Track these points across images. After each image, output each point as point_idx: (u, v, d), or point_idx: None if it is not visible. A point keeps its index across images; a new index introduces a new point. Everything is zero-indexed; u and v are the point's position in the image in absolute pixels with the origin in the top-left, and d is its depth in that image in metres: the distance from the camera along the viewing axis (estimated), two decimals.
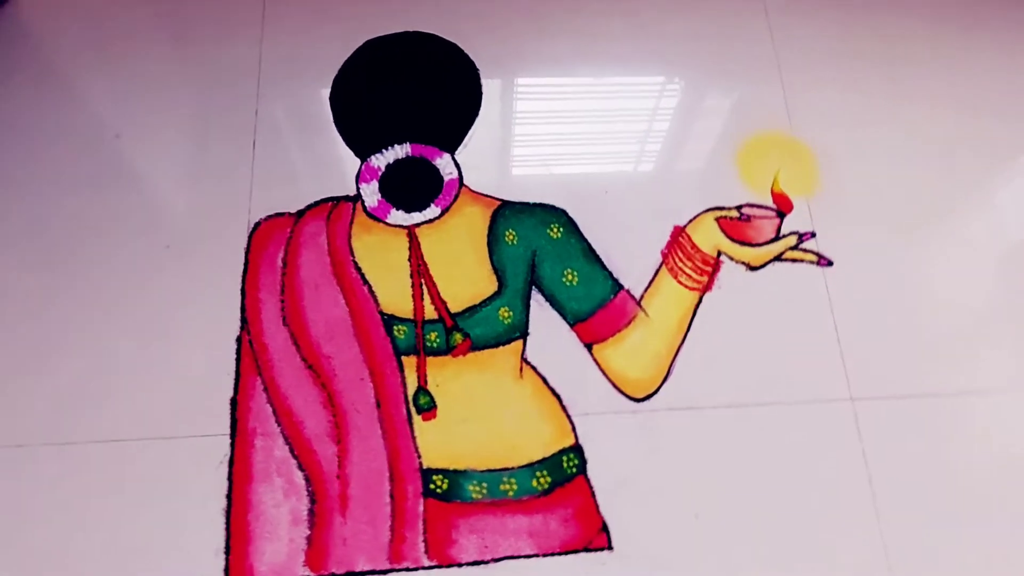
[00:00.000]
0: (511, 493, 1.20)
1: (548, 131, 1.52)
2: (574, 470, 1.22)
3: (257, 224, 1.38)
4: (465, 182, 1.42)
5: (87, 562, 1.14)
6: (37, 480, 1.19)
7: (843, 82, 1.56)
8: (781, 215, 1.40)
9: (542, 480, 1.21)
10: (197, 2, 1.57)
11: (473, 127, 1.48)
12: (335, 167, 1.43)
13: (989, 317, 1.39)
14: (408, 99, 1.47)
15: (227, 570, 1.14)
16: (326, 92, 1.49)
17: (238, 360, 1.28)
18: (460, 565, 1.15)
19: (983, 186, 1.50)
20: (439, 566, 1.15)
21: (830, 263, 1.39)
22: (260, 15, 1.56)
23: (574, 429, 1.25)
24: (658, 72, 1.58)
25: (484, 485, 1.20)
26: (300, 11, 1.57)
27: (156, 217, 1.38)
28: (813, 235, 1.41)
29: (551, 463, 1.22)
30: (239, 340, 1.29)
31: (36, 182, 1.40)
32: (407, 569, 1.15)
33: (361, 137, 1.44)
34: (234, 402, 1.25)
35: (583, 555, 1.16)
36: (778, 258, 1.38)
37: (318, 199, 1.40)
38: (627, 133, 1.52)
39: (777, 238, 1.38)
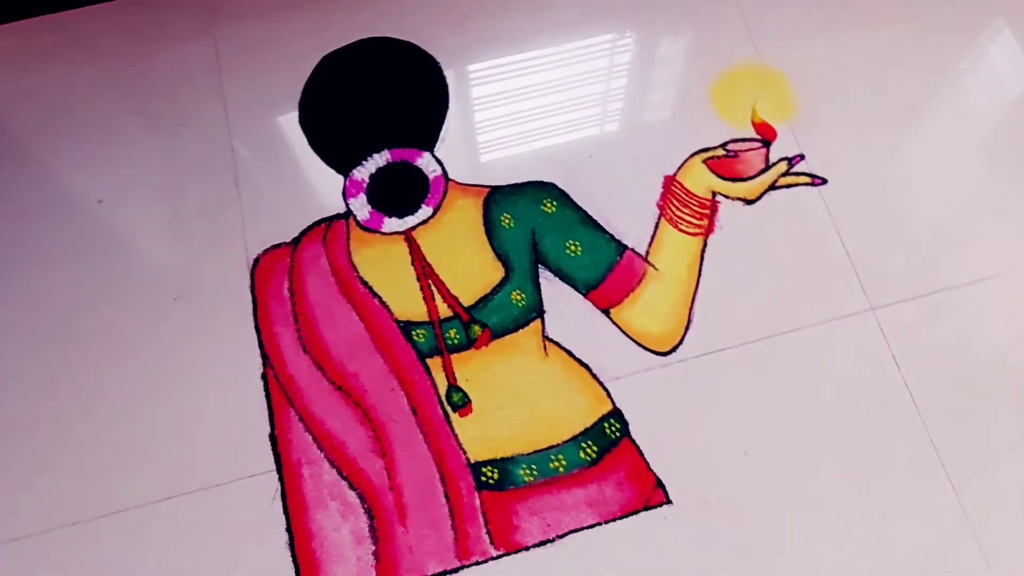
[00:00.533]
0: (561, 469, 1.22)
1: (518, 109, 1.51)
2: (617, 434, 1.24)
3: (256, 260, 1.38)
4: (451, 176, 1.42)
5: None
6: (101, 553, 1.20)
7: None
8: (767, 144, 1.41)
9: (589, 450, 1.22)
10: (147, 56, 1.55)
11: (446, 121, 1.48)
12: (320, 188, 1.43)
13: (983, 202, 1.40)
14: (376, 106, 1.47)
15: None
16: (295, 117, 1.48)
17: (268, 396, 1.28)
18: (528, 548, 1.17)
19: (952, 72, 1.50)
20: (508, 553, 1.17)
21: (824, 181, 1.40)
22: (214, 52, 1.55)
23: (609, 395, 1.26)
24: (608, 30, 1.57)
25: (534, 467, 1.22)
26: (252, 41, 1.55)
27: (156, 273, 1.38)
28: (802, 157, 1.42)
29: (594, 432, 1.23)
30: (264, 377, 1.30)
31: (28, 262, 1.39)
32: (477, 563, 1.17)
33: (338, 153, 1.44)
34: (273, 438, 1.26)
35: (644, 514, 1.18)
36: (772, 187, 1.39)
37: (310, 223, 1.40)
38: (594, 95, 1.51)
39: (767, 167, 1.39)
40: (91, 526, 1.22)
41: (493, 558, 1.17)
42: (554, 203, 1.39)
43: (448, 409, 1.26)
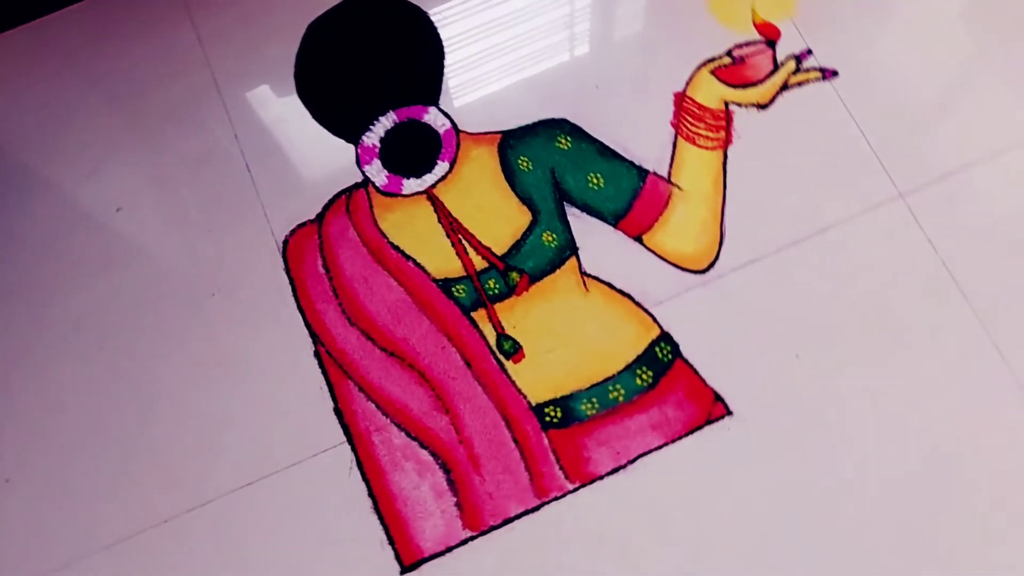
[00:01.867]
0: (621, 398, 1.26)
1: (504, 39, 1.49)
2: (670, 357, 1.27)
3: (286, 241, 1.39)
4: (461, 128, 1.41)
5: None
6: (196, 546, 1.25)
7: None
8: (772, 44, 1.40)
9: (644, 376, 1.26)
10: (129, 53, 1.52)
11: (444, 71, 1.46)
12: (333, 160, 1.42)
13: (997, 69, 1.39)
14: (371, 67, 1.45)
15: (398, 556, 1.22)
16: (293, 90, 1.46)
17: (324, 373, 1.32)
18: (602, 477, 1.22)
19: None
20: (583, 485, 1.22)
21: (835, 73, 1.39)
22: (196, 38, 1.52)
23: (655, 320, 1.29)
24: None
25: (594, 400, 1.26)
26: (233, 20, 1.52)
27: (189, 272, 1.39)
28: (809, 52, 1.41)
29: (647, 358, 1.27)
30: (317, 354, 1.32)
31: (60, 279, 1.41)
32: (555, 499, 1.22)
33: (344, 122, 1.43)
34: (338, 411, 1.29)
35: (707, 428, 1.23)
36: (784, 87, 1.38)
37: (331, 197, 1.40)
38: (584, 14, 1.49)
39: (776, 69, 1.38)
40: (180, 521, 1.26)
41: (571, 491, 1.22)
42: (568, 139, 1.39)
43: (501, 358, 1.29)
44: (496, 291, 1.31)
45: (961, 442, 1.21)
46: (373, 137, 1.40)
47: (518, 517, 1.22)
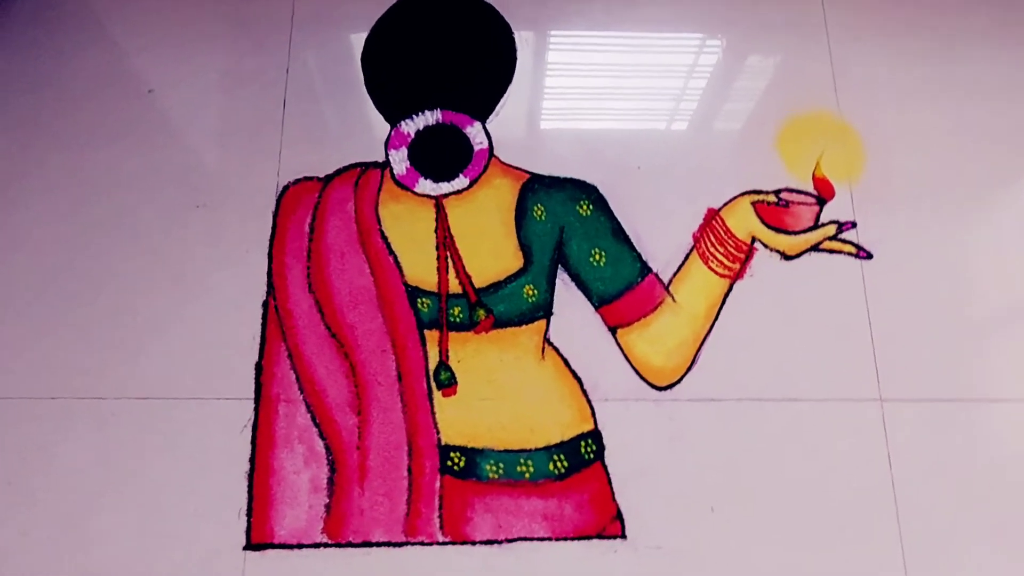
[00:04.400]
0: (528, 475, 1.21)
1: (577, 84, 1.47)
2: (592, 456, 1.22)
3: (286, 188, 1.37)
4: (496, 153, 1.39)
5: (113, 513, 1.18)
6: (68, 432, 1.22)
7: (896, 59, 1.49)
8: (822, 202, 1.36)
9: (559, 464, 1.21)
10: None
11: (506, 95, 1.44)
12: (365, 131, 1.41)
13: None
14: (441, 64, 1.43)
15: (249, 532, 1.18)
16: (358, 53, 1.45)
17: (263, 325, 1.28)
18: (474, 543, 1.17)
19: None
20: (453, 542, 1.17)
21: (870, 256, 1.35)
22: None
23: (593, 414, 1.24)
24: (698, 30, 1.52)
25: (501, 465, 1.21)
26: None
27: (186, 176, 1.37)
28: (854, 225, 1.36)
29: (569, 447, 1.22)
30: (265, 305, 1.29)
31: (73, 133, 1.40)
32: (421, 543, 1.17)
33: (392, 101, 1.41)
34: (259, 367, 1.26)
35: (596, 541, 1.17)
36: (815, 248, 1.34)
37: (347, 164, 1.38)
38: (662, 90, 1.47)
39: (816, 226, 1.34)
40: (65, 404, 1.24)
41: (438, 543, 1.17)
42: (591, 206, 1.35)
43: (433, 385, 1.25)
44: (458, 320, 1.27)
45: None
46: (411, 126, 1.38)
47: (378, 545, 1.17)
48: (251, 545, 1.17)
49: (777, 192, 1.36)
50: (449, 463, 1.21)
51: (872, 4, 1.52)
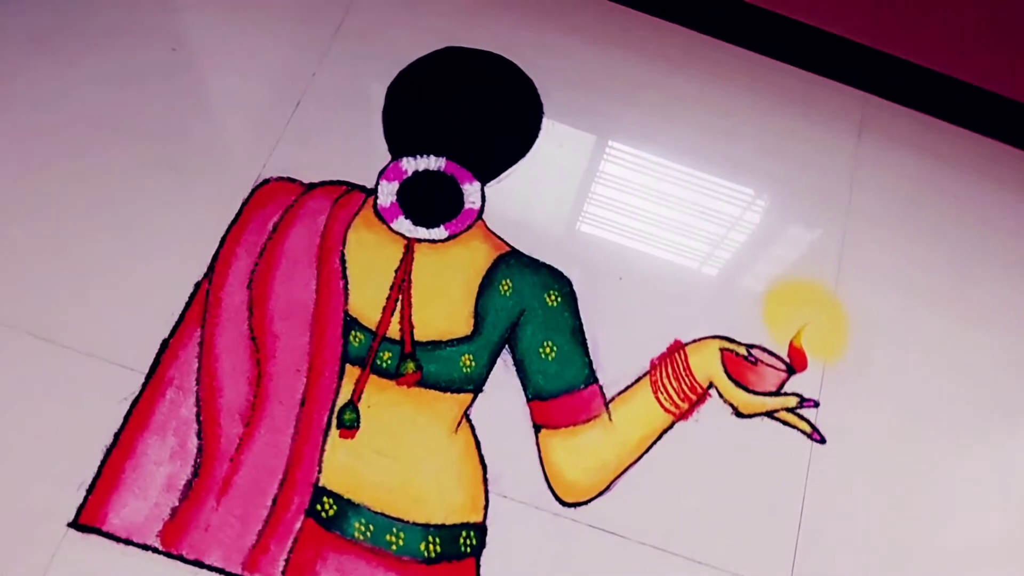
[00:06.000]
0: (394, 547, 1.09)
1: (594, 191, 1.44)
2: (468, 550, 1.11)
3: (266, 181, 1.32)
4: (484, 217, 1.34)
5: None
6: None
7: (908, 258, 1.45)
8: (791, 371, 1.29)
9: (432, 547, 1.10)
10: None
11: (515, 167, 1.41)
12: (364, 155, 1.37)
13: None
14: (464, 116, 1.42)
15: (81, 508, 1.06)
16: (387, 80, 1.44)
17: (188, 304, 1.21)
18: None
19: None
20: None
21: (823, 440, 1.26)
22: None
23: (486, 507, 1.14)
24: (721, 174, 1.49)
25: (371, 528, 1.10)
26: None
27: (174, 134, 1.33)
28: (816, 404, 1.28)
29: (448, 533, 1.11)
30: (198, 286, 1.22)
31: (79, 70, 1.36)
32: None
33: (402, 135, 1.39)
34: (165, 344, 1.18)
35: None
36: (770, 414, 1.25)
37: (334, 179, 1.34)
38: (663, 220, 1.42)
39: (777, 393, 1.26)
40: None
41: None
42: (559, 299, 1.29)
43: (334, 421, 1.16)
44: (384, 364, 1.19)
45: None
46: (412, 165, 1.34)
47: (209, 568, 1.05)
48: (76, 524, 1.05)
49: (749, 347, 1.29)
50: (319, 507, 1.10)
51: (898, 200, 1.50)
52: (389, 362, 1.20)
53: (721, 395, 1.26)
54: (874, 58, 1.64)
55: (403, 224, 1.30)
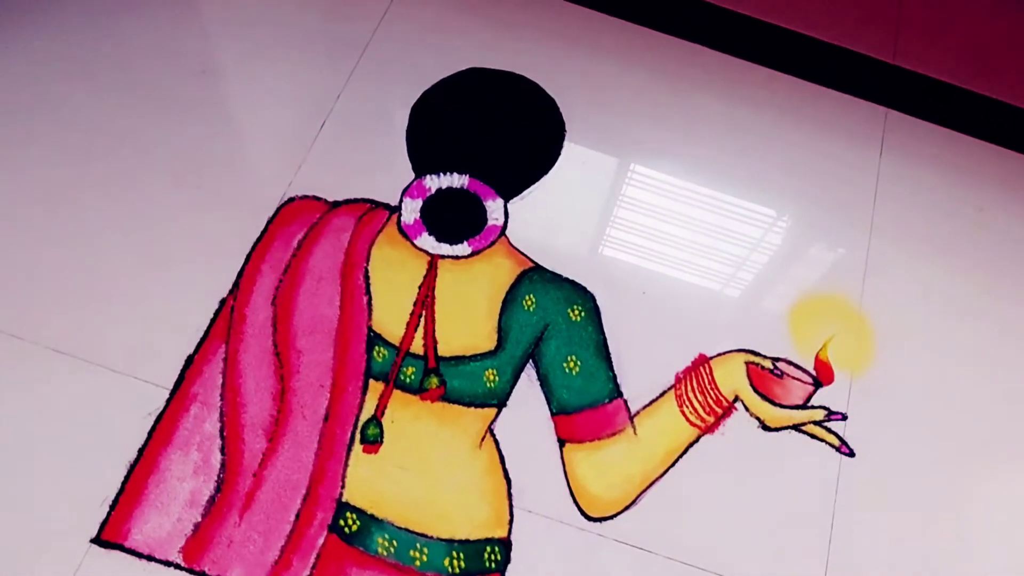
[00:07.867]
0: (418, 563, 1.08)
1: (618, 205, 1.44)
2: (493, 565, 1.09)
3: (291, 199, 1.33)
4: (507, 233, 1.35)
5: None
6: None
7: (934, 272, 1.43)
8: (818, 384, 1.27)
9: (456, 563, 1.08)
10: None
11: (537, 184, 1.41)
12: (388, 173, 1.38)
13: None
14: (487, 134, 1.43)
15: (104, 524, 1.06)
16: (410, 101, 1.45)
17: (212, 320, 1.22)
18: None
19: None
20: None
21: (852, 453, 1.24)
22: (385, 7, 1.55)
23: (511, 522, 1.12)
24: (748, 193, 1.49)
25: (394, 543, 1.09)
26: (421, 18, 1.55)
27: (197, 155, 1.35)
28: (844, 417, 1.26)
29: (472, 549, 1.09)
30: (223, 302, 1.23)
31: (110, 88, 1.39)
32: None
33: (426, 153, 1.40)
34: (190, 359, 1.18)
35: None
36: (797, 428, 1.24)
37: (358, 197, 1.35)
38: (687, 240, 1.42)
39: (804, 406, 1.24)
40: None
41: None
42: (582, 313, 1.29)
43: (358, 436, 1.15)
44: (408, 380, 1.19)
45: None
46: (435, 182, 1.35)
47: None
48: (99, 540, 1.05)
49: (775, 360, 1.27)
50: (342, 522, 1.09)
51: (922, 214, 1.49)
52: (413, 377, 1.19)
53: (747, 408, 1.24)
54: (895, 74, 1.65)
55: (427, 240, 1.30)
